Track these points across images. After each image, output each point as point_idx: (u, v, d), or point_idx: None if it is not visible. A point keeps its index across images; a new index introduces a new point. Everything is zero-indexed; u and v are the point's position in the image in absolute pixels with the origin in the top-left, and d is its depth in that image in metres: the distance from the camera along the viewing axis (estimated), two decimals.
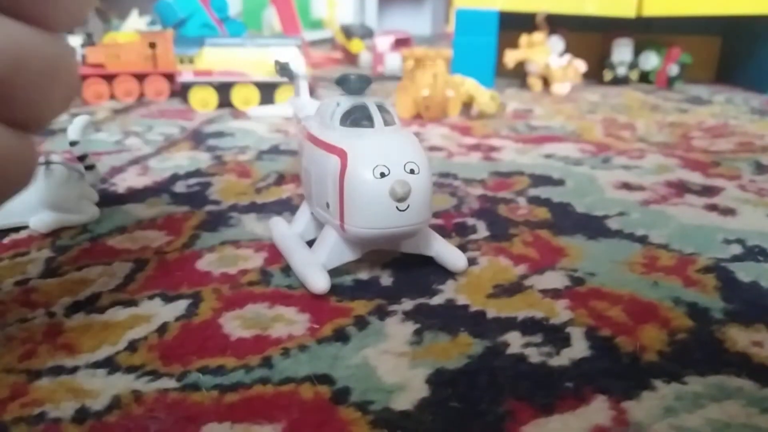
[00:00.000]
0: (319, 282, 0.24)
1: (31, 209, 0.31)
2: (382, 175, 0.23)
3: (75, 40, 0.84)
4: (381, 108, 0.25)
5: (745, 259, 0.28)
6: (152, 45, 0.72)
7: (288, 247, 0.28)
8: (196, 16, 0.75)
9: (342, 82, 0.26)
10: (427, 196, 0.24)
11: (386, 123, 0.25)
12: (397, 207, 0.23)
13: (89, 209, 0.33)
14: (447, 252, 0.27)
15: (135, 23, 0.92)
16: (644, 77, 0.92)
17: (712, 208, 0.35)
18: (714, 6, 0.82)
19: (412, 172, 0.23)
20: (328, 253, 0.25)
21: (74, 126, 0.33)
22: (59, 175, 0.32)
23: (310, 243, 0.27)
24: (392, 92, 0.68)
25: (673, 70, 0.89)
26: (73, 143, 0.32)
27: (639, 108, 0.71)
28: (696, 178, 0.42)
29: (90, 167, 0.33)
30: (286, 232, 0.29)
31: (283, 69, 0.31)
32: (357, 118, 0.25)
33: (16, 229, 0.31)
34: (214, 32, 0.75)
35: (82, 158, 0.33)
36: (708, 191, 0.38)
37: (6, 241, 0.30)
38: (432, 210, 0.25)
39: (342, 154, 0.24)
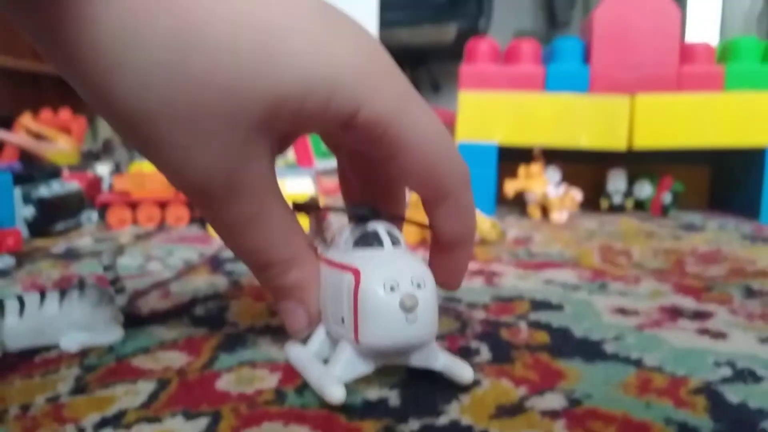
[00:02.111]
0: (335, 393, 0.26)
1: (62, 330, 0.33)
2: (392, 289, 0.26)
3: (103, 169, 0.90)
4: (389, 232, 0.29)
5: (735, 380, 0.30)
6: None
7: (304, 364, 0.30)
8: None
9: (354, 215, 0.29)
10: (434, 308, 0.27)
11: (394, 244, 0.29)
12: (406, 318, 0.26)
13: (116, 330, 0.35)
14: (454, 365, 0.29)
15: None
16: (639, 205, 0.97)
17: (704, 331, 0.37)
18: (701, 139, 0.88)
19: (419, 286, 0.26)
20: (343, 366, 0.27)
21: (108, 251, 0.36)
22: (92, 297, 0.34)
23: (325, 363, 0.29)
24: None
25: (667, 198, 0.93)
26: (106, 267, 0.35)
27: (635, 235, 0.74)
28: (689, 303, 0.44)
29: (120, 290, 0.36)
30: (302, 351, 0.31)
31: (299, 207, 0.34)
32: (368, 241, 0.29)
33: (47, 348, 0.33)
34: None
35: (113, 282, 0.36)
36: (700, 316, 0.40)
37: (37, 359, 0.32)
38: (438, 324, 0.28)
39: (356, 272, 0.27)
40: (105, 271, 0.36)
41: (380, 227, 0.29)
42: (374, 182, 0.33)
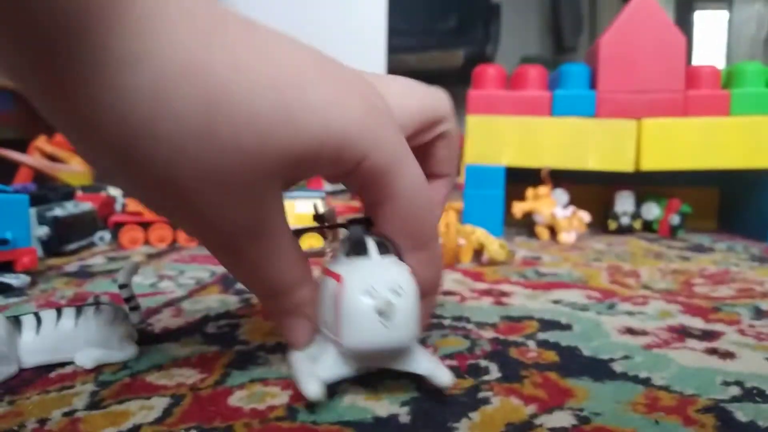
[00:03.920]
0: (311, 389, 0.27)
1: (78, 346, 0.34)
2: (370, 295, 0.27)
3: (116, 190, 0.91)
4: (379, 243, 0.30)
5: (743, 399, 0.30)
6: None
7: (296, 365, 0.31)
8: None
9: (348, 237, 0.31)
10: (412, 314, 0.28)
11: (382, 253, 0.30)
12: (383, 323, 0.27)
13: (130, 347, 0.35)
14: (436, 369, 0.30)
15: None
16: (648, 226, 0.97)
17: (712, 351, 0.37)
18: (708, 161, 0.88)
19: (397, 293, 0.27)
20: (326, 366, 0.29)
21: (124, 271, 0.36)
22: (107, 315, 0.35)
23: None
24: None
25: (675, 219, 0.94)
26: (122, 286, 0.36)
27: (643, 256, 0.74)
28: (697, 323, 0.44)
29: (135, 308, 0.36)
30: (299, 353, 0.32)
31: (320, 217, 0.36)
32: (357, 250, 0.30)
33: (62, 365, 0.34)
34: None
35: (128, 300, 0.36)
36: (708, 336, 0.41)
37: (53, 375, 0.33)
38: (417, 329, 0.29)
39: (339, 279, 0.28)
40: (120, 289, 0.36)
41: (369, 237, 0.30)
42: None
